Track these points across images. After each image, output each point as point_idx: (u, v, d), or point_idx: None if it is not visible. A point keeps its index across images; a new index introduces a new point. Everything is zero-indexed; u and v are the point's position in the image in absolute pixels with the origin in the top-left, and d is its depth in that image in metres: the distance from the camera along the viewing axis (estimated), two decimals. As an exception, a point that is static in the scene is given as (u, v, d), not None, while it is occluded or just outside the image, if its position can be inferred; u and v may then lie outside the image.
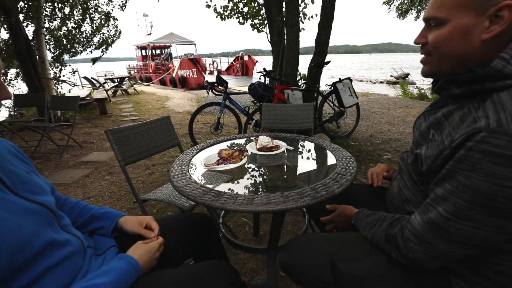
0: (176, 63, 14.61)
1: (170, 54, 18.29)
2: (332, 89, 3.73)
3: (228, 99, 3.53)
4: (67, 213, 0.81)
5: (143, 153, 1.54)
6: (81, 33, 6.36)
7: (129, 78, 11.17)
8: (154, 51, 19.37)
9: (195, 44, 17.84)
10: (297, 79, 4.00)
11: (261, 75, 3.65)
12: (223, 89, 3.51)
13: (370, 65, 40.14)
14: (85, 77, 9.23)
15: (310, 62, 3.71)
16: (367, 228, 0.80)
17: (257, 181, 1.05)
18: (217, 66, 19.58)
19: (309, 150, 1.34)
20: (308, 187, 0.89)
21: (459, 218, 0.57)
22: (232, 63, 17.65)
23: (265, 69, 3.64)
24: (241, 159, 1.15)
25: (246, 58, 16.34)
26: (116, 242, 0.86)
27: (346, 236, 0.87)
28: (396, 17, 9.93)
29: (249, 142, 1.43)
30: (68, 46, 6.01)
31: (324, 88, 4.12)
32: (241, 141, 1.47)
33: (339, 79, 3.77)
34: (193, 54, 15.46)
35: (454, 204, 0.57)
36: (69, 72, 6.42)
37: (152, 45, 17.87)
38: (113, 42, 7.35)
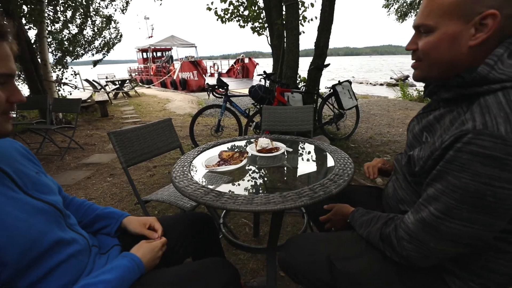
0: (177, 66, 14.69)
1: (171, 56, 18.40)
2: (331, 91, 3.76)
3: (228, 101, 3.56)
4: (73, 212, 0.83)
5: (145, 155, 1.57)
6: (83, 36, 6.42)
7: (130, 80, 11.23)
8: (155, 54, 19.48)
9: (196, 46, 17.96)
10: (297, 82, 4.03)
11: (261, 78, 3.68)
12: (223, 91, 3.54)
13: (370, 67, 40.22)
14: (86, 80, 9.29)
15: (310, 65, 3.74)
16: (363, 227, 0.82)
17: (257, 182, 1.07)
18: (218, 68, 19.66)
19: (308, 151, 1.36)
20: (306, 188, 0.91)
21: (450, 216, 0.59)
22: (232, 65, 17.73)
23: (265, 71, 3.68)
24: (242, 161, 1.18)
25: (246, 60, 16.42)
26: (119, 241, 0.88)
27: (343, 235, 0.89)
28: (395, 20, 9.98)
29: (249, 144, 1.46)
30: (70, 48, 6.07)
31: (324, 90, 4.15)
32: (242, 143, 1.50)
33: (339, 81, 3.80)
34: (194, 56, 15.52)
35: (444, 203, 0.59)
36: (71, 74, 6.46)
37: (153, 47, 17.98)
38: (114, 45, 7.43)
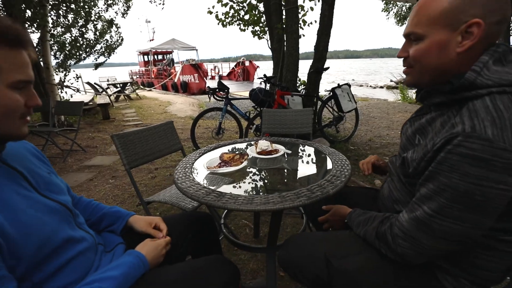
0: (178, 69, 14.76)
1: (172, 59, 18.50)
2: (331, 94, 3.80)
3: (229, 104, 3.60)
4: (81, 211, 0.86)
5: (147, 157, 1.60)
6: (85, 39, 6.49)
7: (131, 83, 11.30)
8: (156, 57, 19.57)
9: (197, 49, 18.05)
10: (297, 85, 4.07)
11: (261, 81, 3.73)
12: (224, 94, 3.58)
13: (370, 70, 40.30)
14: (88, 83, 9.35)
15: (309, 68, 3.78)
16: (360, 226, 0.85)
17: (256, 182, 1.11)
18: (219, 71, 19.74)
19: (306, 154, 1.40)
20: (304, 188, 0.94)
21: (442, 215, 0.62)
22: (233, 68, 17.81)
23: (265, 75, 3.72)
24: (242, 162, 1.21)
25: (247, 63, 16.50)
26: (123, 239, 0.92)
27: (340, 234, 0.92)
28: (394, 24, 10.06)
29: (249, 146, 1.49)
30: (72, 51, 6.15)
31: (323, 93, 4.20)
32: (242, 145, 1.53)
33: (338, 84, 3.84)
34: (194, 59, 15.63)
35: (437, 202, 0.62)
36: (73, 77, 6.53)
37: (154, 50, 18.07)
38: (115, 48, 7.51)
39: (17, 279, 0.57)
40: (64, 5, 5.45)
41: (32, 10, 4.48)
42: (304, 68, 4.12)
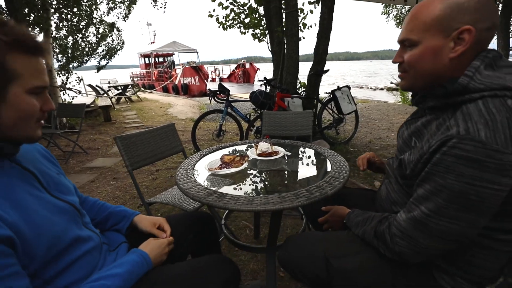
0: (178, 71, 14.85)
1: (172, 62, 18.59)
2: (331, 96, 3.82)
3: (230, 106, 3.62)
4: (87, 210, 0.88)
5: (149, 159, 1.63)
6: (87, 42, 6.55)
7: (132, 85, 11.35)
8: (157, 59, 19.67)
9: (198, 52, 18.13)
10: (297, 87, 4.10)
11: (262, 84, 3.76)
12: (225, 97, 3.61)
13: (370, 72, 40.36)
14: (89, 85, 9.41)
15: (309, 70, 3.81)
16: (359, 226, 0.86)
17: (257, 183, 1.13)
18: (219, 73, 19.84)
19: (306, 155, 1.42)
20: (303, 189, 0.96)
21: (438, 214, 0.64)
22: (234, 70, 17.90)
23: (265, 77, 3.75)
24: (242, 164, 1.23)
25: (247, 65, 16.59)
26: (126, 239, 0.94)
27: (339, 234, 0.94)
28: (394, 26, 10.10)
29: (250, 148, 1.52)
30: (75, 54, 6.20)
31: (323, 95, 4.22)
32: (243, 147, 1.55)
33: (338, 87, 3.87)
34: (195, 61, 15.69)
35: (433, 202, 0.64)
36: (75, 80, 6.57)
37: (155, 53, 18.17)
38: (117, 51, 7.58)
39: (29, 276, 0.59)
40: (67, 9, 5.51)
41: (35, 14, 4.53)
42: (304, 70, 4.15)
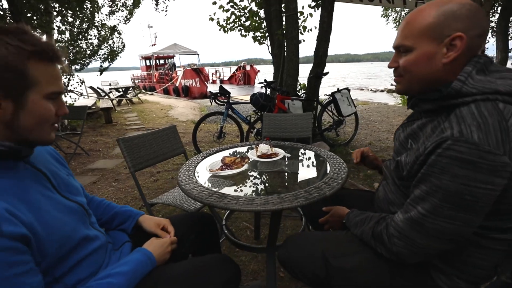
0: (179, 73, 14.89)
1: (173, 64, 18.65)
2: (331, 98, 3.85)
3: (230, 108, 3.65)
4: (93, 210, 0.91)
5: (150, 160, 1.65)
6: (89, 44, 6.61)
7: (133, 87, 11.40)
8: (158, 61, 19.76)
9: (198, 54, 18.21)
10: (297, 89, 4.13)
11: (262, 86, 3.79)
12: (225, 99, 3.65)
13: (370, 74, 40.43)
14: (91, 87, 9.46)
15: (309, 73, 3.84)
16: (357, 226, 0.88)
17: (257, 185, 1.15)
18: (220, 75, 19.90)
19: (306, 157, 1.44)
20: (302, 190, 0.99)
21: (434, 214, 0.66)
22: (234, 72, 17.95)
23: (266, 80, 3.79)
24: (243, 165, 1.26)
25: (248, 67, 16.64)
26: (129, 238, 0.96)
27: (338, 234, 0.96)
28: (394, 28, 10.15)
29: (250, 149, 1.54)
30: (77, 56, 6.25)
31: (323, 97, 4.25)
32: (243, 149, 1.58)
33: (338, 89, 3.90)
34: (196, 64, 15.74)
35: (429, 202, 0.66)
36: (77, 82, 6.62)
37: (156, 55, 18.26)
38: (118, 54, 7.64)
39: (41, 272, 0.61)
40: (70, 11, 5.56)
41: (38, 17, 4.58)
42: (304, 72, 4.18)
